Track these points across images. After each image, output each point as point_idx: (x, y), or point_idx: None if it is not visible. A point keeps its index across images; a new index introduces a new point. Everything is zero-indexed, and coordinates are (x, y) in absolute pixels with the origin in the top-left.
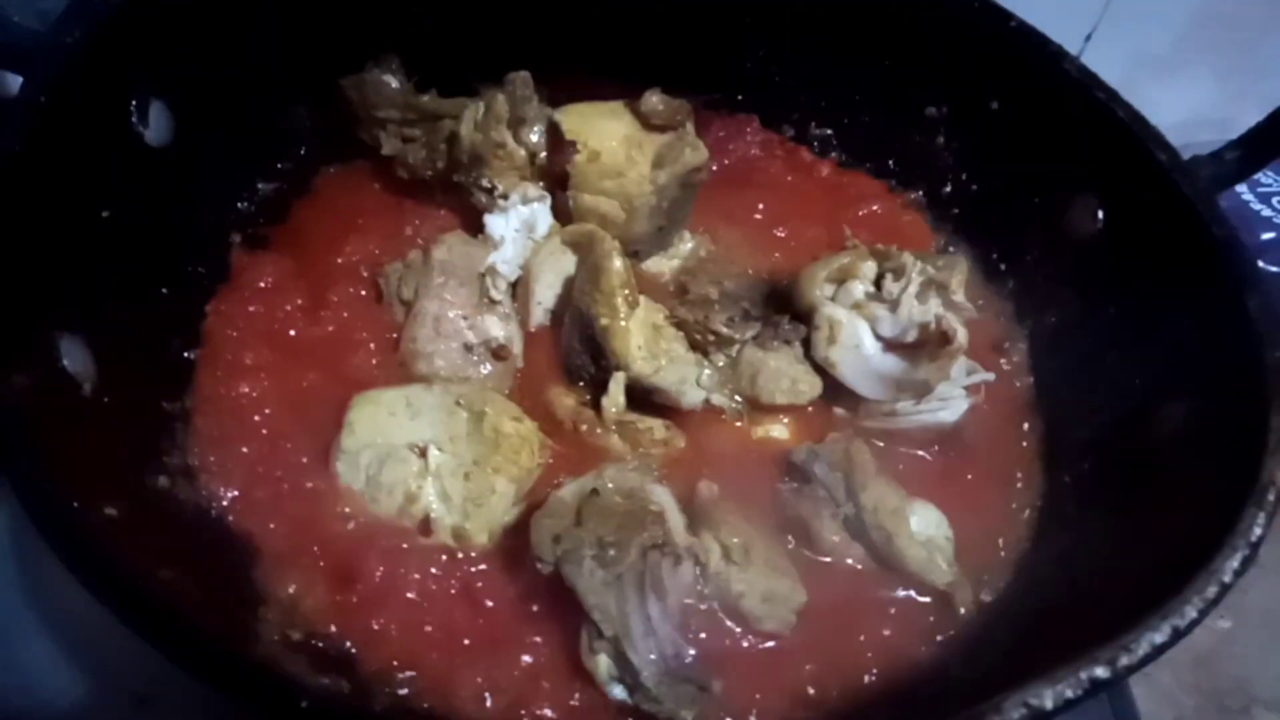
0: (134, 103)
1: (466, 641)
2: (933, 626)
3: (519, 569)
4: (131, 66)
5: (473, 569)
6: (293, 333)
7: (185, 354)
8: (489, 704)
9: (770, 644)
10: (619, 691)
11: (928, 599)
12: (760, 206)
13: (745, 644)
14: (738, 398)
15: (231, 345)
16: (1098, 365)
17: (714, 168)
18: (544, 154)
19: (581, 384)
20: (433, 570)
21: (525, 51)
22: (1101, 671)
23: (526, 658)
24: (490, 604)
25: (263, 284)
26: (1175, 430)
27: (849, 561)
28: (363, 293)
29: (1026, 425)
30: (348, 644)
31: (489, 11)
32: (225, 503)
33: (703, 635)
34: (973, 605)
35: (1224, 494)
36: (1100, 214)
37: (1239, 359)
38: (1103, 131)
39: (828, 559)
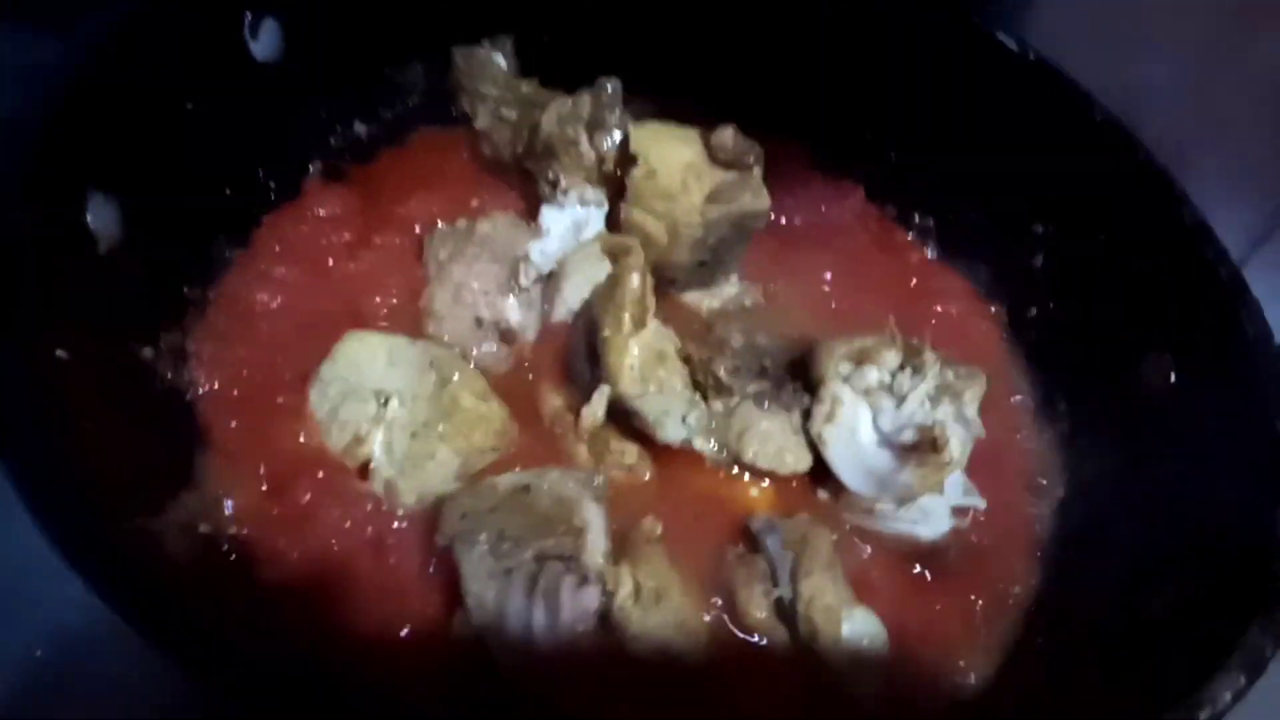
0: (248, 14)
1: (359, 586)
2: None
3: (432, 538)
4: None
5: (391, 524)
6: (330, 262)
7: (227, 253)
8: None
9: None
10: None
11: (835, 702)
12: (829, 274)
13: (620, 685)
14: (723, 449)
15: (270, 257)
16: (1114, 532)
17: (797, 222)
18: (613, 162)
19: (576, 389)
20: (355, 512)
21: (642, 69)
22: None
23: (406, 617)
24: (393, 560)
25: (323, 212)
26: (1157, 620)
27: (766, 643)
28: (406, 245)
29: (1016, 574)
30: (249, 552)
31: (614, 25)
32: (200, 392)
33: (580, 660)
34: None
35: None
36: (1172, 377)
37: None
38: (1198, 287)
39: (747, 636)
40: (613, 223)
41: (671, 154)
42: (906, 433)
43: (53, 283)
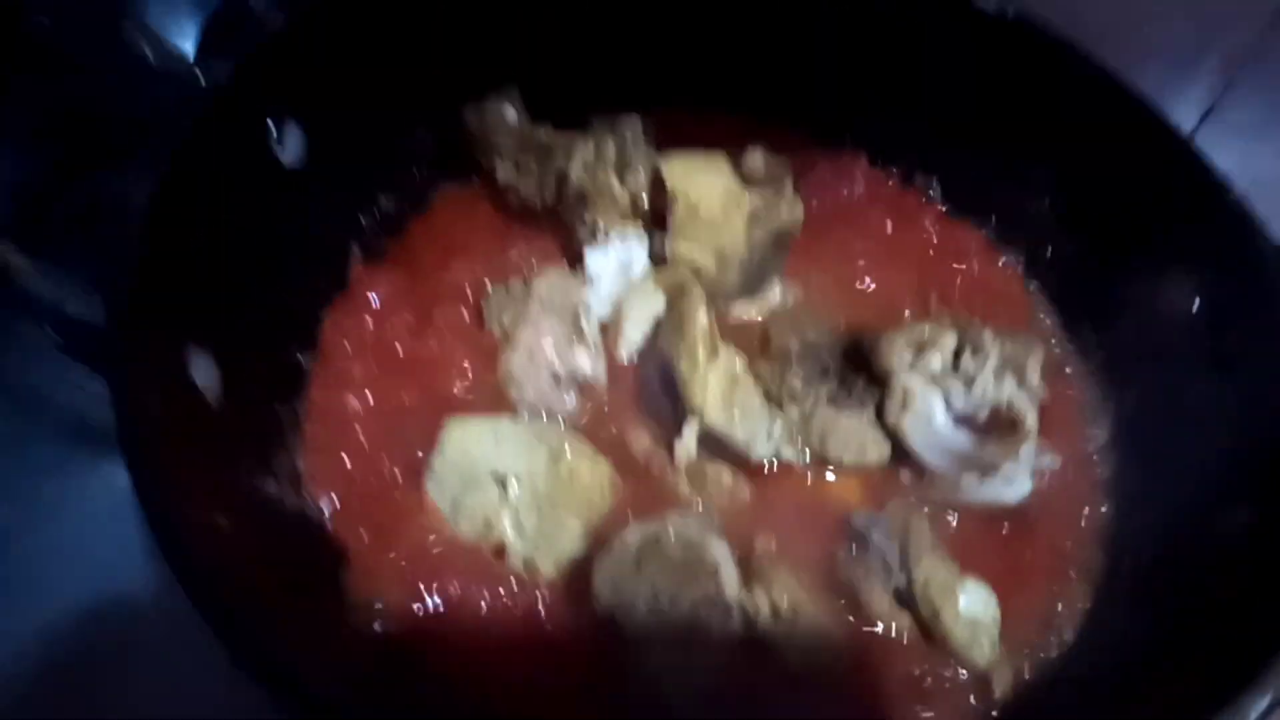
0: (273, 128)
1: (527, 658)
2: (971, 707)
3: (582, 600)
4: (274, 95)
5: (539, 595)
6: (399, 348)
7: (300, 358)
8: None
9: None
10: None
11: (968, 676)
12: (855, 254)
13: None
14: (806, 452)
15: (343, 356)
16: (1173, 452)
17: (814, 203)
18: (646, 198)
19: (658, 424)
20: (503, 593)
21: (636, 83)
22: None
23: (579, 678)
24: (551, 628)
25: (377, 297)
26: (1239, 535)
27: (894, 631)
28: (465, 314)
29: (1090, 508)
30: (422, 651)
31: (602, 47)
32: (324, 509)
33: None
34: (1011, 689)
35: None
36: (1197, 298)
37: None
38: (1207, 213)
39: (875, 627)
40: (654, 252)
41: (708, 186)
42: (982, 412)
43: (192, 454)
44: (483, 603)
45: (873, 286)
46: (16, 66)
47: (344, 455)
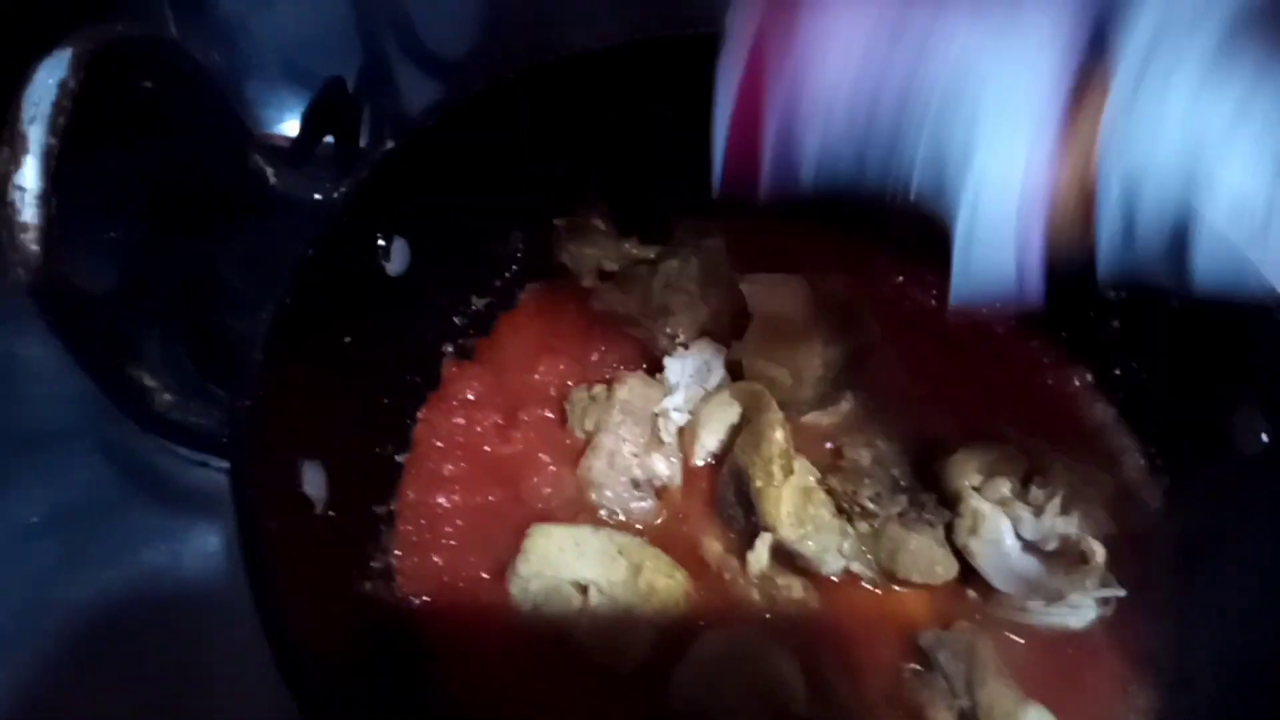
0: (380, 243)
1: None
2: None
3: (655, 695)
4: (383, 215)
5: (618, 691)
6: (487, 449)
7: (396, 457)
8: None
9: None
10: None
11: None
12: (928, 365)
13: None
14: (876, 568)
15: (435, 455)
16: (1237, 583)
17: (888, 314)
18: (726, 313)
19: (730, 530)
20: (584, 689)
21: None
22: None
23: None
24: None
25: (467, 396)
26: None
27: None
28: (549, 415)
29: (1156, 635)
30: None
31: (687, 161)
32: (415, 605)
33: None
34: None
35: None
36: (1264, 435)
37: None
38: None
39: None
40: (730, 363)
41: (786, 307)
42: (1050, 542)
43: (299, 561)
44: (568, 697)
45: (944, 397)
46: (132, 136)
47: (434, 555)
